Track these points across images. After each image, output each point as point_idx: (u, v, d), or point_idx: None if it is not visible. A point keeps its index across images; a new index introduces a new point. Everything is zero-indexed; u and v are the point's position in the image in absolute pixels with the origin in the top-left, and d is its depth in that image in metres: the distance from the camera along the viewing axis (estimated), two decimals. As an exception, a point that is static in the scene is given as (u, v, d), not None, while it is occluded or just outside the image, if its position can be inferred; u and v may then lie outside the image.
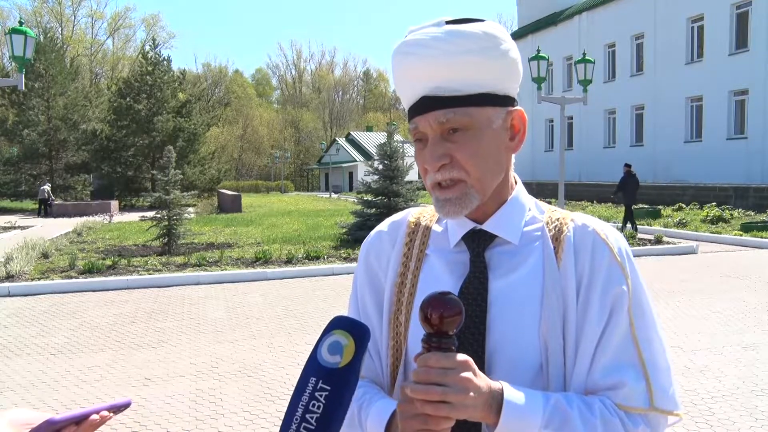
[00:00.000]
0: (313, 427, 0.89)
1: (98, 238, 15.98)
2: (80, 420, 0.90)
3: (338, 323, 0.95)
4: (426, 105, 1.01)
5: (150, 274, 10.29)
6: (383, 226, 1.23)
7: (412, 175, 40.30)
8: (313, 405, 0.90)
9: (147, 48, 38.92)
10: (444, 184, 1.03)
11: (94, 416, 0.92)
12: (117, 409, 0.96)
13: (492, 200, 1.08)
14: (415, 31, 1.04)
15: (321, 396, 0.90)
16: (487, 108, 1.02)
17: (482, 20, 1.03)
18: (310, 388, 0.91)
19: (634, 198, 15.76)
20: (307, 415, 0.90)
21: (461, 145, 1.01)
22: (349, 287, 9.34)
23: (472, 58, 0.99)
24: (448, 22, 1.02)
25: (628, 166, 15.75)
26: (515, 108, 1.07)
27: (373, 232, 1.23)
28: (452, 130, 1.01)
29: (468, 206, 1.03)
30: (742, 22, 24.39)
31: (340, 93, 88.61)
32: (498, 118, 1.04)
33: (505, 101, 1.05)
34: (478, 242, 1.08)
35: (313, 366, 0.93)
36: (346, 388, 0.91)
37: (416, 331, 1.05)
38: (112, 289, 9.52)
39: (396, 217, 1.23)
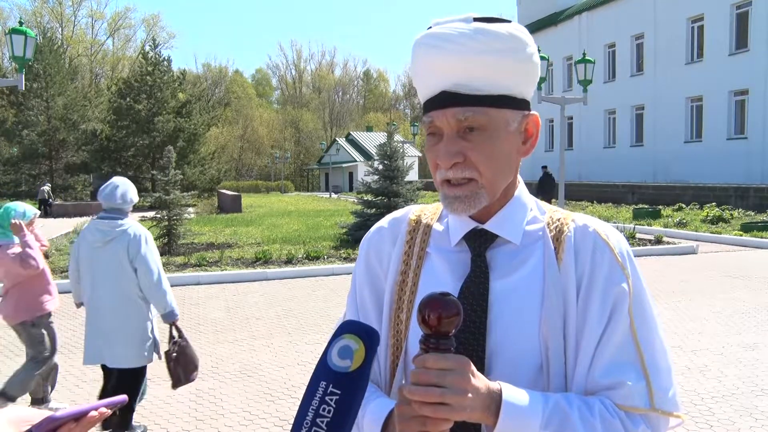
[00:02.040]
0: (323, 431, 0.89)
1: (98, 238, 15.97)
2: (79, 416, 0.91)
3: (348, 327, 0.95)
4: (445, 100, 1.01)
5: (150, 274, 10.28)
6: (384, 222, 1.22)
7: (412, 175, 40.33)
8: (324, 409, 0.90)
9: (147, 48, 38.96)
10: (454, 182, 1.02)
11: (93, 413, 0.92)
12: (113, 405, 0.96)
13: (496, 200, 1.08)
14: (441, 24, 1.03)
15: (331, 400, 0.90)
16: (505, 110, 1.02)
17: (509, 21, 1.02)
18: (321, 392, 0.91)
19: (551, 195, 17.71)
20: (318, 419, 0.90)
21: (476, 145, 1.00)
22: (349, 287, 9.29)
23: (497, 58, 0.98)
24: (475, 19, 1.01)
25: (545, 167, 18.32)
26: (531, 113, 1.06)
27: (373, 228, 1.23)
28: (468, 129, 1.00)
29: (476, 206, 1.03)
30: (742, 22, 24.39)
31: (340, 93, 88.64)
32: (514, 121, 1.03)
33: (521, 105, 1.04)
34: (479, 242, 1.08)
35: (324, 370, 0.92)
36: (357, 392, 0.91)
37: (417, 330, 1.04)
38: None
39: (397, 214, 1.23)
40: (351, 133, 65.65)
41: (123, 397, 0.99)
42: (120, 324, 3.87)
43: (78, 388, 5.17)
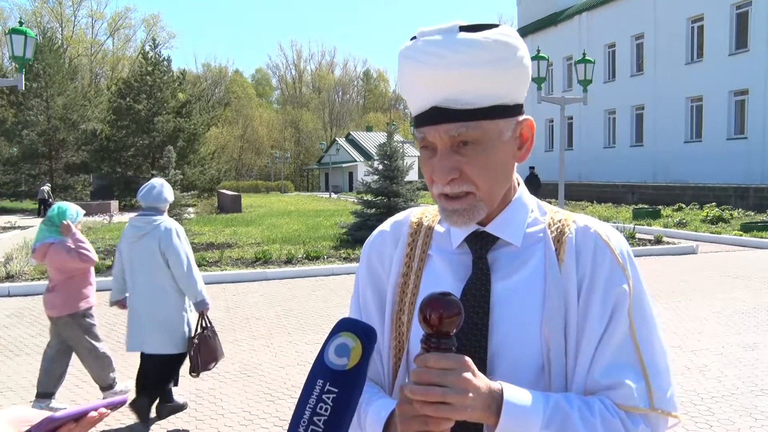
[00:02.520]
0: (320, 430, 0.89)
1: (98, 239, 15.96)
2: (79, 417, 0.91)
3: (345, 325, 0.94)
4: (436, 116, 0.99)
5: (150, 274, 10.28)
6: (385, 225, 1.22)
7: (412, 175, 40.34)
8: (321, 407, 0.90)
9: (147, 48, 38.93)
10: (452, 195, 1.02)
11: (93, 413, 0.92)
12: (113, 406, 0.96)
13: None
14: (426, 35, 0.99)
15: (328, 398, 0.90)
16: (498, 120, 1.00)
17: (497, 25, 1.00)
18: (318, 391, 0.91)
19: (536, 195, 20.51)
20: (315, 418, 0.90)
21: (471, 159, 0.99)
22: (349, 287, 9.33)
23: (485, 69, 0.96)
24: (462, 28, 0.98)
25: (531, 168, 19.76)
26: (525, 117, 1.05)
27: (375, 232, 1.23)
28: (462, 143, 0.99)
29: (475, 218, 1.03)
30: (742, 22, 24.39)
31: (340, 93, 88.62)
32: (508, 129, 1.02)
33: (515, 111, 1.03)
34: (480, 244, 1.08)
35: (321, 368, 0.92)
36: (354, 390, 0.90)
37: (418, 332, 1.04)
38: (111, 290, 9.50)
39: (398, 216, 1.23)
40: (351, 133, 65.63)
41: (123, 398, 0.99)
42: (154, 313, 4.22)
43: (78, 388, 5.17)
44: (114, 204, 29.21)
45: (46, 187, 28.59)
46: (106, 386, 4.72)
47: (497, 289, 1.05)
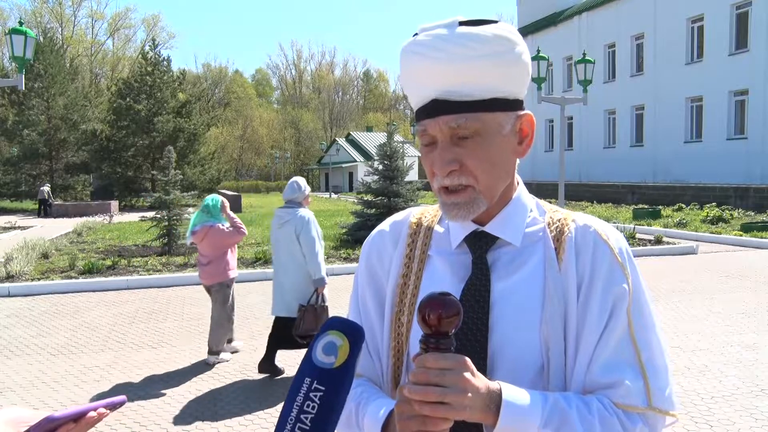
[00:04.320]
0: (307, 428, 0.89)
1: (98, 239, 15.99)
2: (78, 417, 0.91)
3: (333, 324, 0.95)
4: (436, 108, 1.00)
5: (150, 274, 10.28)
6: (385, 225, 1.22)
7: (412, 176, 40.32)
8: (308, 405, 0.90)
9: (147, 48, 38.91)
10: (452, 188, 1.02)
11: (92, 413, 0.92)
12: (113, 406, 0.96)
13: (495, 202, 1.07)
14: (427, 31, 1.01)
15: (316, 396, 0.90)
16: (498, 113, 1.01)
17: (495, 21, 1.01)
18: (305, 389, 0.91)
19: None
20: (302, 416, 0.89)
21: (471, 152, 1.00)
22: (349, 287, 9.31)
23: (485, 62, 0.97)
24: (462, 23, 0.99)
25: None
26: (524, 112, 1.05)
27: (374, 232, 1.23)
28: (462, 136, 1.00)
29: (475, 211, 1.03)
30: (742, 22, 24.39)
31: (340, 93, 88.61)
32: (508, 123, 1.03)
33: (514, 105, 1.03)
34: (480, 244, 1.08)
35: (308, 366, 0.92)
36: (341, 388, 0.90)
37: (418, 332, 1.04)
38: (112, 290, 9.52)
39: (398, 216, 1.23)
40: (351, 133, 65.61)
41: (122, 398, 0.98)
42: (291, 284, 5.18)
43: (78, 388, 5.17)
44: (114, 204, 29.19)
45: (46, 188, 28.59)
46: (214, 351, 5.73)
47: (497, 289, 1.05)
